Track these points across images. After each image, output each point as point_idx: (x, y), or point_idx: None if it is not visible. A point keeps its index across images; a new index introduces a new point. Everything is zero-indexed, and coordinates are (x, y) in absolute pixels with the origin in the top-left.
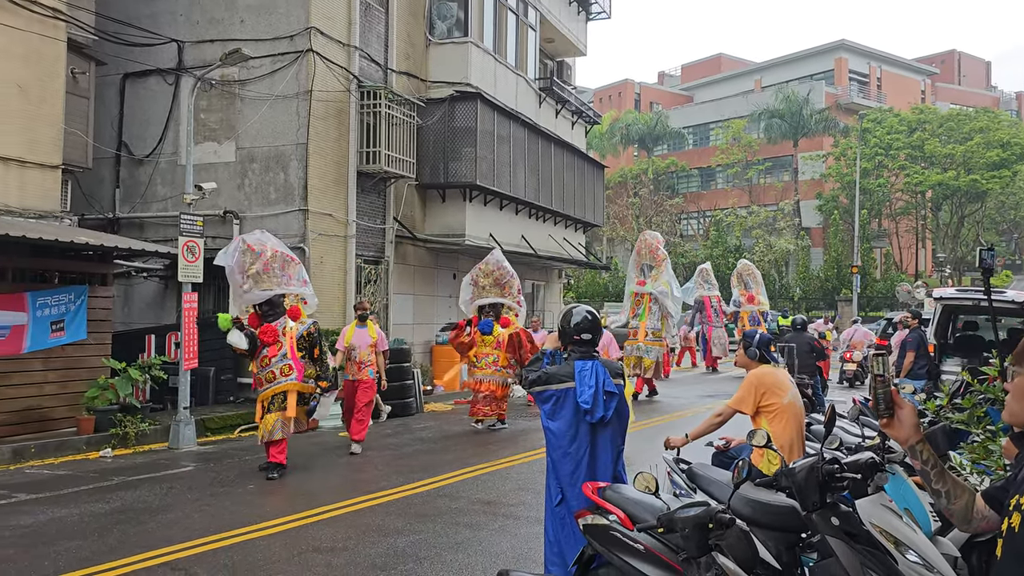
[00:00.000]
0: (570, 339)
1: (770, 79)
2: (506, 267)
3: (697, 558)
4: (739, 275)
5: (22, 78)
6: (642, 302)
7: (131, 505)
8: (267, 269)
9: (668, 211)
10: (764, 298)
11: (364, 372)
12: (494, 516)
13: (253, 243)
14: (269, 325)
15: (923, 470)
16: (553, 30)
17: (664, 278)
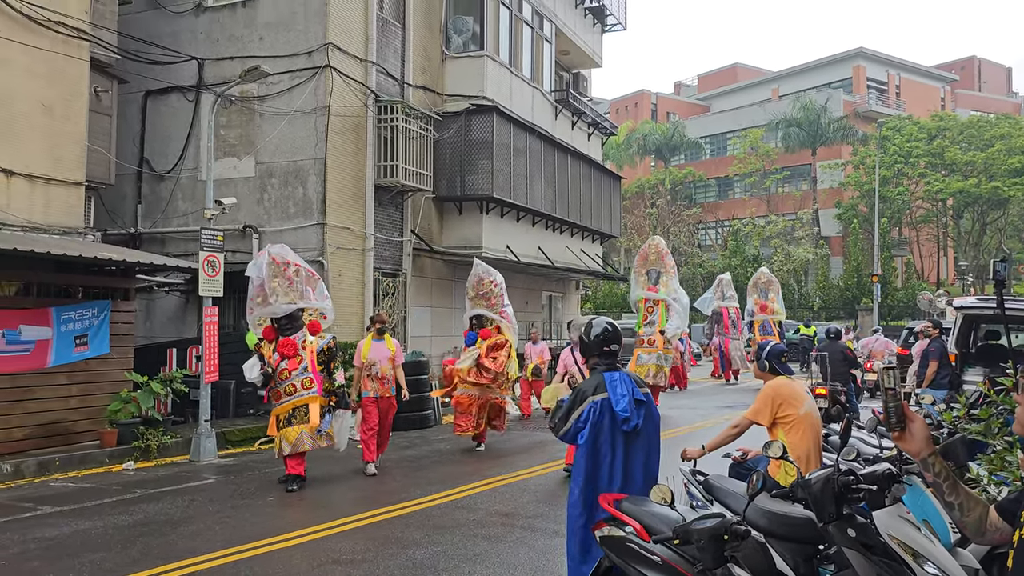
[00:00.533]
0: (597, 351)
1: (787, 88)
2: (485, 278)
3: (713, 570)
4: (755, 283)
5: (47, 97)
6: (656, 308)
7: (153, 517)
8: (292, 283)
9: (686, 221)
10: (779, 307)
11: (388, 388)
12: (512, 528)
13: (278, 256)
14: (288, 339)
15: (935, 482)
16: (568, 42)
17: (673, 284)
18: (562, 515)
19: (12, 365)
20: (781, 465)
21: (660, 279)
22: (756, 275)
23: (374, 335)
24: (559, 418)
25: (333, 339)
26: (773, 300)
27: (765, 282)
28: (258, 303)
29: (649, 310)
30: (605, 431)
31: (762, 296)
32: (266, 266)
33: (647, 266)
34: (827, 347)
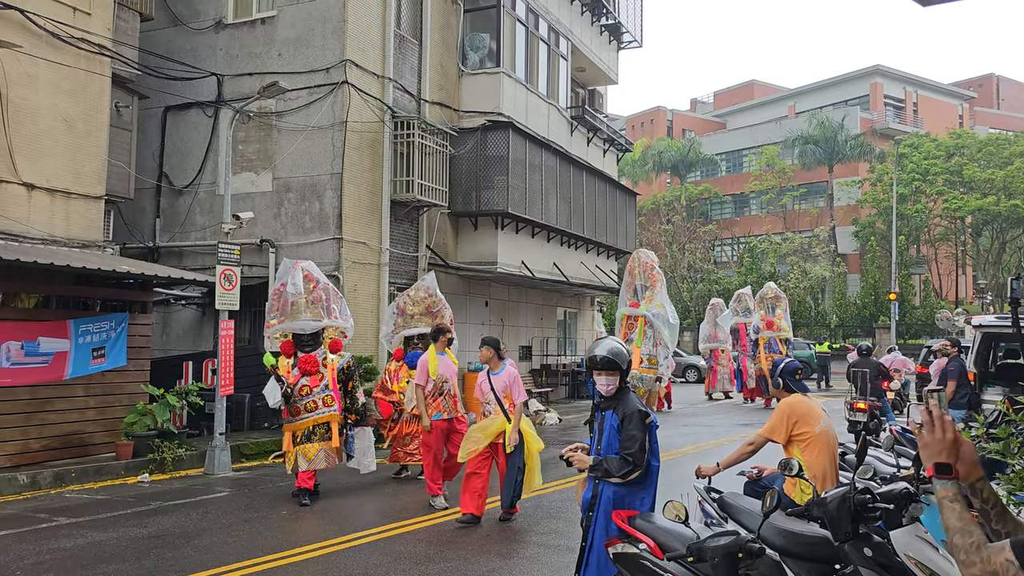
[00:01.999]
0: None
1: (804, 105)
2: (438, 295)
3: None
4: (762, 299)
5: (68, 112)
6: (635, 325)
7: (168, 530)
8: (319, 300)
9: (701, 238)
10: (787, 324)
11: (458, 408)
12: (525, 544)
13: (309, 272)
14: (310, 355)
15: (983, 509)
16: (584, 59)
17: (659, 300)
18: (578, 533)
19: (31, 377)
20: (797, 483)
21: (645, 294)
22: (763, 290)
23: (438, 348)
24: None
25: (352, 359)
26: (780, 317)
27: (773, 297)
28: (279, 316)
29: (629, 327)
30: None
31: (769, 312)
32: (300, 279)
33: (634, 280)
34: (860, 363)
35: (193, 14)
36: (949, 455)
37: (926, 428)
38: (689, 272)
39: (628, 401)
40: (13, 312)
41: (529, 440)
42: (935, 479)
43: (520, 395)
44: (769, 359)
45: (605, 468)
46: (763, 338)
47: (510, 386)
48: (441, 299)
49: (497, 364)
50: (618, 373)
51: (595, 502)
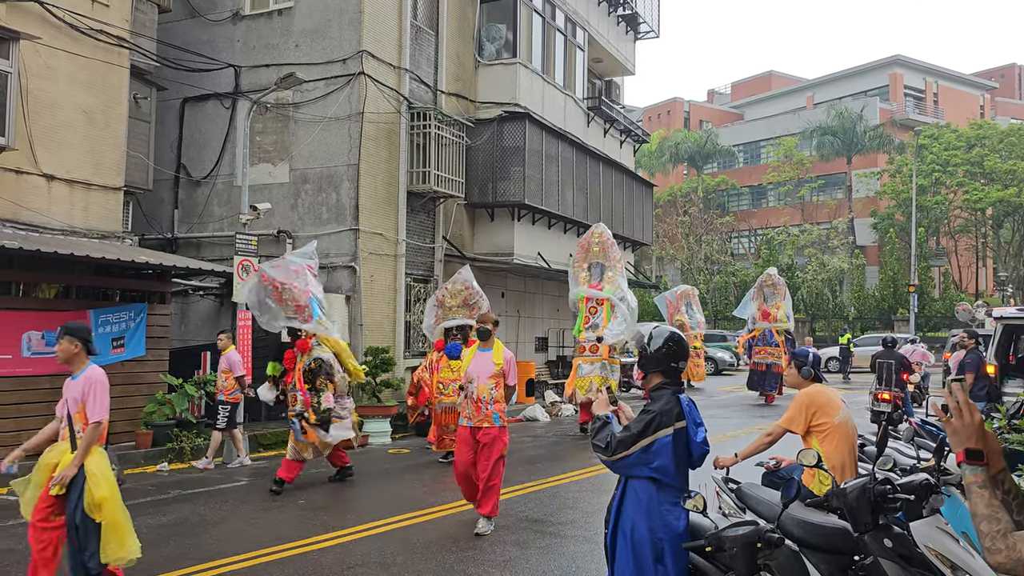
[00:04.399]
0: (663, 367)
1: (822, 96)
2: (475, 287)
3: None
4: (760, 287)
5: (87, 104)
6: (600, 309)
7: (187, 518)
8: (281, 301)
9: (718, 229)
10: (785, 315)
11: (488, 416)
12: (541, 535)
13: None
14: (290, 351)
15: (1005, 500)
16: (601, 50)
17: (619, 281)
18: (593, 523)
19: (51, 366)
20: (815, 474)
21: (604, 274)
22: (762, 277)
23: (478, 342)
24: (618, 441)
25: (316, 360)
26: (779, 307)
27: (771, 285)
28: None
29: (592, 311)
30: (681, 464)
31: (766, 301)
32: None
33: (589, 258)
34: (884, 355)
35: (210, 5)
36: (978, 440)
37: (954, 414)
38: (706, 264)
39: (659, 396)
40: (34, 302)
41: (92, 484)
42: (965, 465)
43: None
44: (764, 353)
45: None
46: (758, 330)
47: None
48: (478, 291)
49: None
50: (640, 358)
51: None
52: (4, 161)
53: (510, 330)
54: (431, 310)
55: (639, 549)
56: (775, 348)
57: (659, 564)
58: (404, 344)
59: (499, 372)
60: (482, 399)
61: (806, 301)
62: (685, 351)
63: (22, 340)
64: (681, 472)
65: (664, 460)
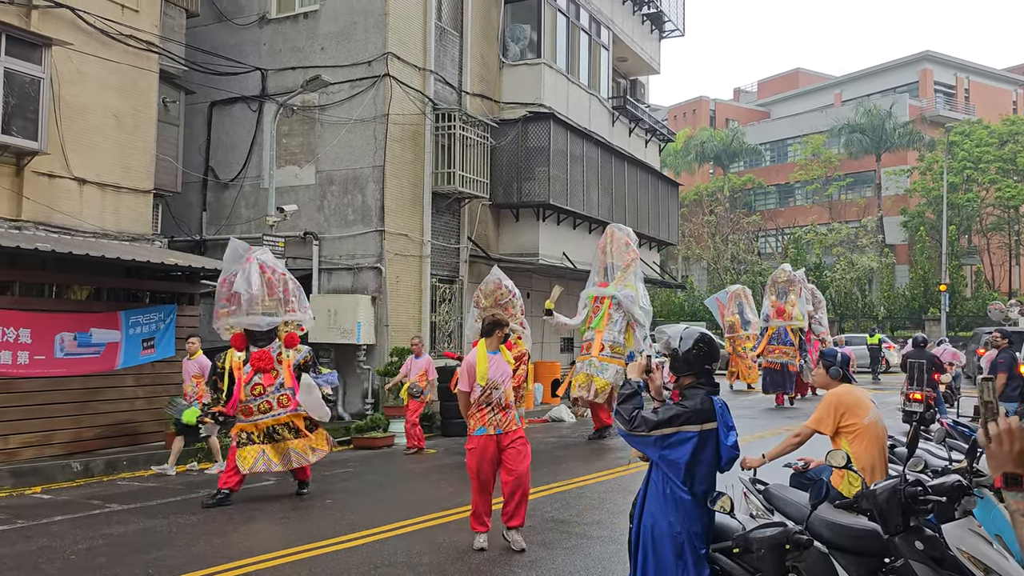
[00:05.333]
0: (696, 369)
1: (851, 93)
2: (507, 286)
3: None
4: (774, 282)
5: (118, 108)
6: (600, 308)
7: (215, 517)
8: (274, 292)
9: (745, 229)
10: (800, 313)
11: (513, 419)
12: (567, 535)
13: (265, 264)
14: (264, 351)
15: None
16: (626, 49)
17: (631, 280)
18: (619, 524)
19: (83, 367)
20: (844, 475)
21: (616, 274)
22: (775, 273)
23: (491, 345)
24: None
25: (309, 353)
26: (793, 304)
27: (785, 281)
28: (231, 310)
29: (595, 310)
30: (703, 465)
31: (780, 298)
32: (256, 275)
33: (605, 260)
34: (915, 355)
35: (237, 9)
36: (1017, 465)
37: (993, 440)
38: (732, 264)
39: (693, 395)
40: (66, 304)
41: None
42: (1004, 491)
43: None
44: (778, 352)
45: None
46: (772, 327)
47: None
48: (510, 290)
49: None
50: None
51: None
52: (37, 165)
53: (535, 331)
54: (472, 312)
55: (660, 544)
56: (789, 347)
57: (679, 559)
58: (430, 344)
59: (512, 371)
60: (509, 404)
61: (835, 301)
62: (716, 352)
63: (55, 341)
64: (700, 472)
65: (679, 455)
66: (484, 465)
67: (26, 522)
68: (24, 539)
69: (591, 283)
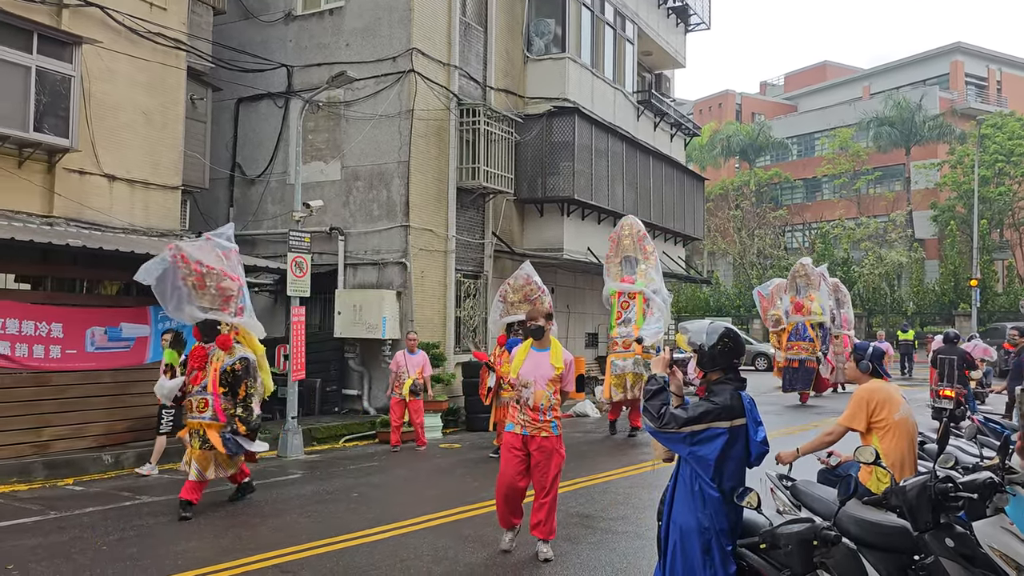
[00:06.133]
0: (723, 364)
1: (879, 85)
2: (536, 281)
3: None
4: (792, 278)
5: (147, 105)
6: (632, 303)
7: (243, 510)
8: (203, 287)
9: (771, 223)
10: (820, 308)
11: (546, 425)
12: (592, 530)
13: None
14: (200, 347)
15: None
16: (651, 43)
17: (652, 274)
18: (644, 519)
19: (114, 361)
20: (873, 471)
21: (637, 268)
22: (794, 268)
23: (531, 340)
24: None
25: (241, 361)
26: (812, 299)
27: (803, 276)
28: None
29: (623, 306)
30: (732, 461)
31: (799, 293)
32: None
33: (621, 252)
34: (946, 351)
35: (263, 7)
36: None
37: None
38: (758, 259)
39: (721, 391)
40: (97, 299)
41: None
42: None
43: None
44: (797, 348)
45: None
46: (790, 324)
47: None
48: (539, 286)
49: None
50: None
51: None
52: (68, 162)
53: (560, 326)
54: (496, 306)
55: (688, 540)
56: (809, 343)
57: (707, 555)
58: (454, 339)
59: (558, 376)
60: (539, 406)
61: (863, 296)
62: (741, 347)
63: (86, 335)
64: (730, 468)
65: (708, 451)
66: (509, 463)
67: (58, 513)
68: (57, 530)
69: (608, 277)
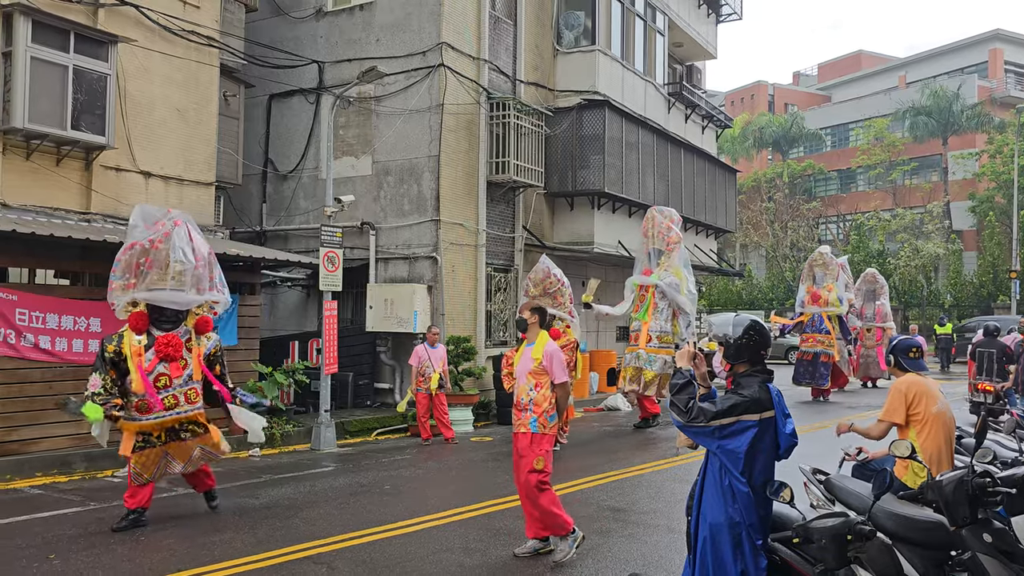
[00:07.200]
0: (751, 356)
1: (916, 75)
2: (556, 274)
3: (835, 571)
4: (809, 267)
5: (181, 102)
6: (645, 297)
7: (277, 502)
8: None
9: (805, 215)
10: (837, 299)
11: (524, 421)
12: (624, 523)
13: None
14: (172, 335)
15: None
16: (682, 34)
17: (676, 265)
18: (676, 513)
19: None
20: (909, 465)
21: (659, 259)
22: (812, 256)
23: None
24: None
25: (219, 343)
26: (830, 289)
27: (821, 265)
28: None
29: (641, 299)
30: (762, 454)
31: (816, 283)
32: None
33: (648, 244)
34: (985, 344)
35: (294, 3)
36: None
37: None
38: (792, 251)
39: (748, 383)
40: None
41: None
42: None
43: None
44: (812, 341)
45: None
46: (806, 315)
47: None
48: (559, 279)
49: None
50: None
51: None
52: (104, 159)
53: (590, 319)
54: (521, 300)
55: (718, 535)
56: (825, 335)
57: (737, 550)
58: (485, 333)
59: (538, 369)
60: (520, 402)
61: (899, 289)
62: (768, 339)
63: None
64: (760, 462)
65: (738, 444)
66: (515, 465)
67: (98, 504)
68: (96, 520)
69: (636, 270)
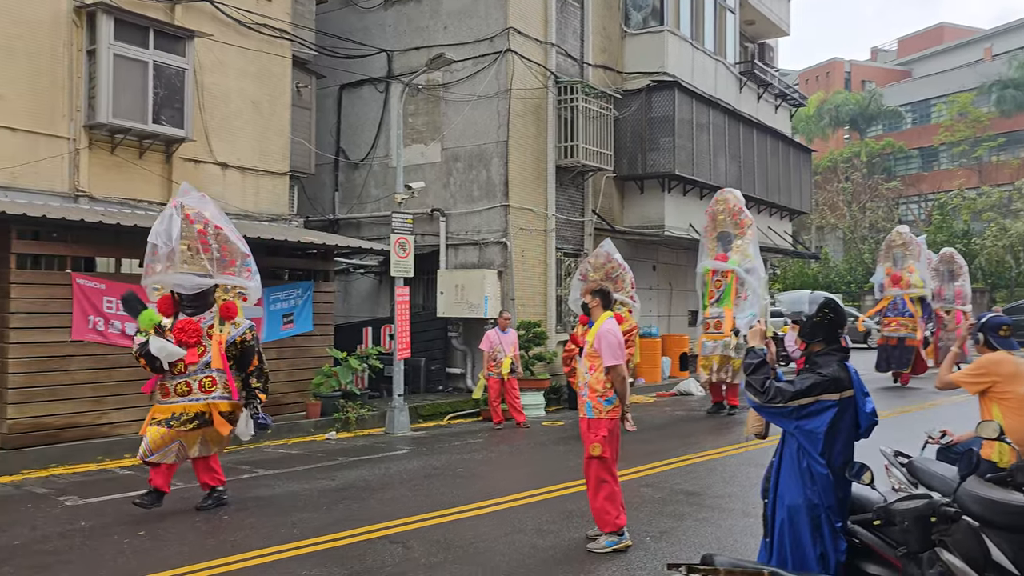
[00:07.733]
0: (826, 334)
1: (1002, 46)
2: (617, 259)
3: (918, 554)
4: (888, 247)
5: (255, 95)
6: (724, 282)
7: (353, 483)
8: (206, 249)
9: (884, 195)
10: (920, 280)
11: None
12: (698, 507)
13: (192, 212)
14: (190, 321)
15: None
16: (753, 11)
17: (751, 250)
18: (752, 497)
19: None
20: (996, 447)
21: (733, 243)
22: (890, 236)
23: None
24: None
25: (251, 329)
26: (911, 270)
27: (900, 245)
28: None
29: (716, 285)
30: (842, 434)
31: (896, 264)
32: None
33: (717, 228)
34: None
35: None
36: None
37: None
38: (871, 232)
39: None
40: None
41: None
42: None
43: None
44: (895, 325)
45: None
46: (887, 297)
47: None
48: (620, 264)
49: None
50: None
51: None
52: (184, 152)
53: (662, 303)
54: (576, 284)
55: (796, 517)
56: (908, 319)
57: (816, 533)
58: (555, 318)
59: (591, 351)
60: (579, 384)
61: (984, 270)
62: (844, 317)
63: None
64: (839, 442)
65: (817, 425)
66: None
67: (182, 484)
68: (181, 500)
69: (703, 254)
